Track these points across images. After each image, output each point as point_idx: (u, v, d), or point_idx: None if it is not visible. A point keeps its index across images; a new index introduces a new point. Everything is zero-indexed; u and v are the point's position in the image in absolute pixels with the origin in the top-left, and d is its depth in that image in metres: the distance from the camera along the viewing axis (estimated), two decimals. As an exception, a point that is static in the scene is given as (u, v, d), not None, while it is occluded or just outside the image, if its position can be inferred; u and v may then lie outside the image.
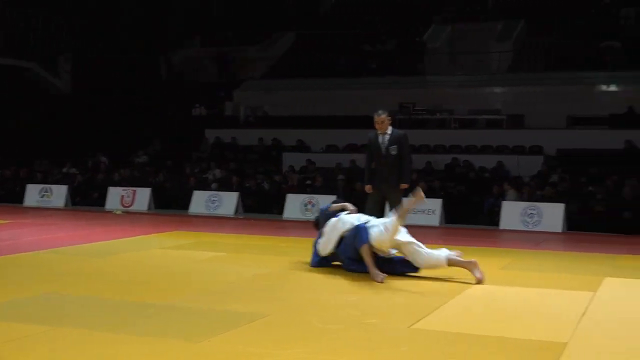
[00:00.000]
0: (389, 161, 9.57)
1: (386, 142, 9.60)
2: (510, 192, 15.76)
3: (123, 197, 18.31)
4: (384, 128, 9.60)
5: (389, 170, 9.59)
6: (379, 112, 9.72)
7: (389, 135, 9.63)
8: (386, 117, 9.63)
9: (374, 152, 9.70)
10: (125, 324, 5.63)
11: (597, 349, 5.09)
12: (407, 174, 9.75)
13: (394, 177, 9.58)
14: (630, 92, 21.58)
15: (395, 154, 9.57)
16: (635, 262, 9.67)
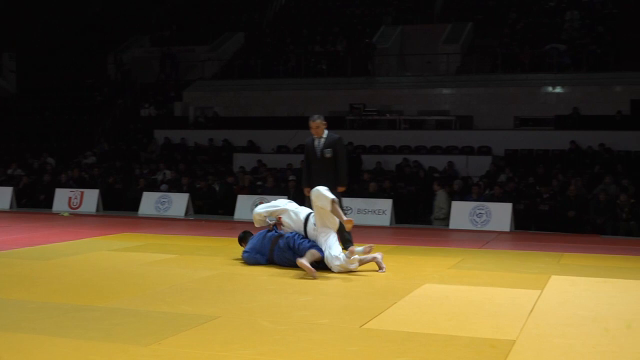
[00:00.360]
0: (324, 164, 9.86)
1: (321, 145, 9.89)
2: (440, 192, 15.92)
3: (70, 199, 18.00)
4: (319, 133, 9.90)
5: (325, 173, 9.84)
6: (314, 117, 9.98)
7: (324, 139, 9.90)
8: (321, 122, 9.92)
9: (310, 156, 10.03)
10: (71, 327, 5.53)
11: (545, 346, 5.17)
12: (343, 177, 10.01)
13: (329, 179, 9.77)
14: (575, 93, 22.05)
15: (329, 157, 9.84)
16: (581, 261, 9.86)
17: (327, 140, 9.90)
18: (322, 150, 9.85)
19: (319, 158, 9.88)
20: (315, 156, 9.92)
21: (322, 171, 9.82)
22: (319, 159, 9.88)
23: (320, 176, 9.77)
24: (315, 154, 9.92)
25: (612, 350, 5.06)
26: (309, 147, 10.07)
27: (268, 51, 27.71)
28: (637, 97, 20.92)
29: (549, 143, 20.24)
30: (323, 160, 9.84)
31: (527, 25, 25.98)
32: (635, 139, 19.36)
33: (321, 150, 9.86)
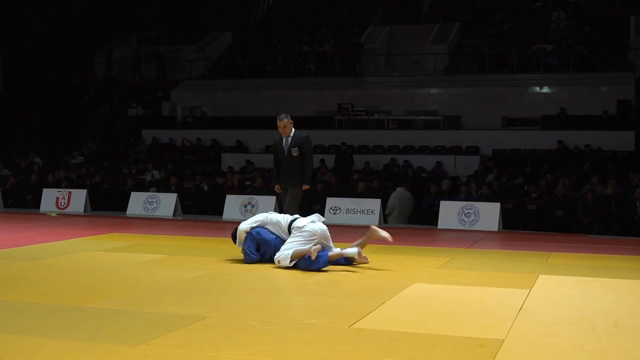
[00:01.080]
0: (291, 163, 10.20)
1: (288, 144, 10.20)
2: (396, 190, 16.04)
3: (58, 199, 17.90)
4: (287, 132, 10.22)
5: (292, 171, 10.22)
6: (281, 117, 10.27)
7: (292, 137, 10.22)
8: (288, 121, 10.20)
9: (279, 155, 10.36)
10: (59, 328, 5.50)
11: (533, 345, 5.19)
12: (308, 175, 10.33)
13: (295, 177, 10.21)
14: (561, 94, 22.17)
15: (296, 155, 10.16)
16: (568, 260, 9.91)
17: (294, 139, 10.21)
18: (290, 149, 10.16)
19: (287, 156, 10.20)
20: (283, 155, 10.24)
21: (290, 169, 10.21)
22: (286, 158, 10.21)
23: (288, 174, 10.22)
24: (283, 152, 10.23)
25: (599, 349, 5.09)
26: (277, 146, 10.38)
27: (256, 51, 27.70)
28: (623, 97, 21.06)
29: (537, 143, 20.35)
30: (290, 158, 10.17)
31: (514, 25, 26.10)
32: (622, 139, 19.48)
33: (288, 149, 10.17)
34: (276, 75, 25.94)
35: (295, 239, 8.46)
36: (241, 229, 8.87)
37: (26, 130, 25.36)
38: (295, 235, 8.49)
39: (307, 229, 8.45)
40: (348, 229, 14.41)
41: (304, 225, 8.48)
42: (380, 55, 25.84)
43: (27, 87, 28.39)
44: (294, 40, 27.76)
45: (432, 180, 17.32)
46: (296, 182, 10.24)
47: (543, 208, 15.19)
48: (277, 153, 10.41)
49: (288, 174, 10.25)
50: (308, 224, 8.50)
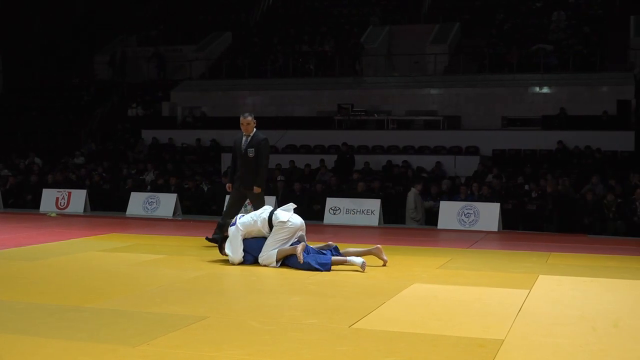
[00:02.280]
0: (246, 162, 10.14)
1: (246, 144, 10.16)
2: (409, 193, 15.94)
3: (58, 199, 17.91)
4: (249, 130, 10.20)
5: (247, 171, 10.16)
6: (245, 115, 10.29)
7: (251, 137, 10.20)
8: (252, 120, 10.22)
9: (237, 153, 10.32)
10: (59, 328, 5.51)
11: (533, 345, 5.19)
12: (261, 178, 10.23)
13: (250, 178, 10.15)
14: (561, 94, 22.15)
15: (252, 156, 10.11)
16: (568, 260, 9.91)
17: (253, 140, 10.18)
18: (247, 149, 10.12)
19: (243, 156, 10.14)
20: (241, 153, 10.19)
21: (245, 169, 10.15)
22: (242, 156, 10.16)
23: (243, 173, 10.17)
24: (241, 151, 10.19)
25: (599, 349, 5.09)
26: (236, 144, 10.34)
27: (256, 51, 27.69)
28: (623, 97, 21.04)
29: (537, 143, 20.33)
30: (246, 158, 10.11)
31: (514, 25, 26.09)
32: (622, 139, 19.47)
33: (246, 148, 10.13)
34: (276, 75, 25.93)
35: (279, 236, 8.47)
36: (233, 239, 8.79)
37: (26, 130, 25.35)
38: (278, 232, 8.47)
39: (290, 225, 8.47)
40: (348, 229, 14.43)
41: (287, 221, 8.45)
42: (380, 55, 25.83)
43: (27, 87, 28.39)
44: (294, 41, 27.76)
45: (432, 181, 17.31)
46: (250, 183, 10.15)
47: (543, 208, 15.18)
48: (234, 151, 10.37)
49: (243, 174, 10.17)
50: (290, 218, 8.49)
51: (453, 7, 28.14)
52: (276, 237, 8.48)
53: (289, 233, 8.49)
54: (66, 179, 19.37)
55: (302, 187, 17.33)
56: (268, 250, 8.49)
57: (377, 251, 8.78)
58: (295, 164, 19.77)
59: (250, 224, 8.58)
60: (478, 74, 23.94)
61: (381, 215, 15.61)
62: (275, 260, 8.41)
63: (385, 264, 8.71)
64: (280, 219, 8.46)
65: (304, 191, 17.18)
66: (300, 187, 17.17)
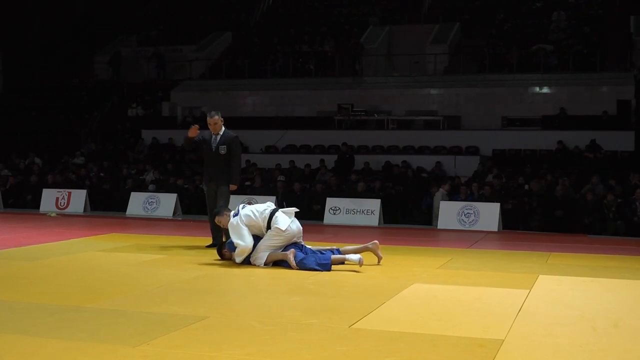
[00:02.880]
0: (218, 160, 10.24)
1: (217, 142, 10.25)
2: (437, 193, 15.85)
3: (58, 199, 17.91)
4: (217, 129, 10.29)
5: (218, 169, 10.26)
6: (212, 114, 10.38)
7: (220, 136, 10.28)
8: (219, 119, 10.31)
9: (206, 151, 10.37)
10: (59, 328, 5.50)
11: (533, 345, 5.19)
12: (236, 175, 10.37)
13: (222, 175, 10.24)
14: (561, 94, 22.15)
15: (224, 153, 10.21)
16: (568, 260, 9.92)
17: (223, 138, 10.26)
18: (218, 147, 10.19)
19: (214, 154, 10.22)
20: (210, 150, 10.26)
21: (217, 167, 10.24)
22: (213, 155, 10.23)
23: (215, 172, 10.24)
24: (211, 149, 10.26)
25: (599, 349, 5.09)
26: (205, 139, 10.36)
27: (256, 51, 27.69)
28: (623, 97, 21.04)
29: (537, 143, 20.34)
30: (218, 156, 10.20)
31: (514, 25, 26.09)
32: (622, 139, 19.47)
33: (216, 146, 10.21)
34: (276, 75, 25.94)
35: (273, 241, 8.51)
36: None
37: (26, 130, 25.34)
38: (273, 237, 8.51)
39: (287, 234, 8.50)
40: (348, 229, 14.43)
41: (285, 230, 8.48)
42: (380, 55, 25.84)
43: (27, 87, 28.38)
44: (294, 41, 27.76)
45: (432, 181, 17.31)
46: (224, 181, 10.23)
47: (543, 208, 15.18)
48: (204, 150, 10.39)
49: (215, 172, 10.25)
50: (289, 227, 8.51)
51: (453, 7, 28.15)
52: (270, 242, 8.53)
53: (284, 241, 8.55)
54: (66, 179, 19.37)
55: (302, 187, 17.34)
56: (259, 252, 8.52)
57: (374, 247, 8.86)
58: (295, 164, 19.78)
59: (252, 217, 8.56)
60: (478, 74, 23.94)
61: (381, 215, 15.61)
62: (264, 262, 8.47)
63: (379, 261, 8.78)
64: (279, 226, 8.46)
65: (304, 191, 17.18)
66: (300, 187, 17.17)
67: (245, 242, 8.46)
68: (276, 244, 8.53)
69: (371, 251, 8.86)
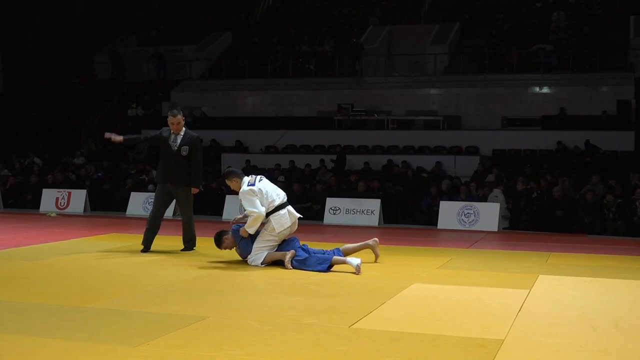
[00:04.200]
0: (178, 161, 9.84)
1: (178, 142, 9.85)
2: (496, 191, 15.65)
3: (58, 199, 17.90)
4: (179, 129, 9.89)
5: (178, 170, 9.87)
6: (174, 112, 9.99)
7: (181, 136, 9.89)
8: (182, 118, 9.95)
9: (165, 151, 9.95)
10: (59, 328, 5.50)
11: (533, 345, 5.19)
12: (198, 177, 10.09)
13: (182, 177, 9.89)
14: (561, 94, 22.16)
15: (185, 154, 9.86)
16: (568, 260, 9.91)
17: (185, 138, 9.89)
18: (180, 147, 9.84)
19: (175, 154, 9.84)
20: (171, 152, 9.86)
21: (176, 167, 9.84)
22: (174, 155, 9.84)
23: (175, 173, 9.85)
24: (171, 149, 9.87)
25: (599, 349, 5.09)
26: (162, 137, 9.97)
27: (256, 51, 27.69)
28: (622, 97, 21.05)
29: (536, 143, 20.34)
30: (179, 157, 9.83)
31: (514, 25, 26.09)
32: (622, 139, 19.47)
33: (178, 147, 9.84)
34: (276, 75, 25.94)
35: (265, 241, 8.61)
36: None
37: (26, 130, 25.34)
38: (265, 236, 8.61)
39: (280, 235, 8.59)
40: (348, 229, 14.43)
41: (280, 232, 8.56)
42: (380, 55, 25.84)
43: (27, 87, 28.38)
44: (293, 41, 27.76)
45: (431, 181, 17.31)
46: (183, 183, 9.92)
47: (543, 208, 15.18)
48: (162, 150, 9.98)
49: (173, 173, 9.87)
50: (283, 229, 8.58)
51: (453, 7, 28.14)
52: (265, 243, 8.62)
53: (278, 241, 8.64)
54: (66, 179, 19.36)
55: (302, 187, 17.33)
56: (256, 253, 8.60)
57: (374, 244, 8.99)
58: (296, 164, 19.77)
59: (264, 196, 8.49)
60: (478, 74, 23.94)
61: (381, 215, 15.61)
62: (261, 263, 8.55)
63: (377, 259, 8.92)
64: (274, 226, 8.53)
65: (304, 191, 17.17)
66: (300, 188, 17.16)
67: (259, 209, 8.42)
68: (270, 245, 8.62)
69: (370, 248, 8.95)
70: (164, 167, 9.99)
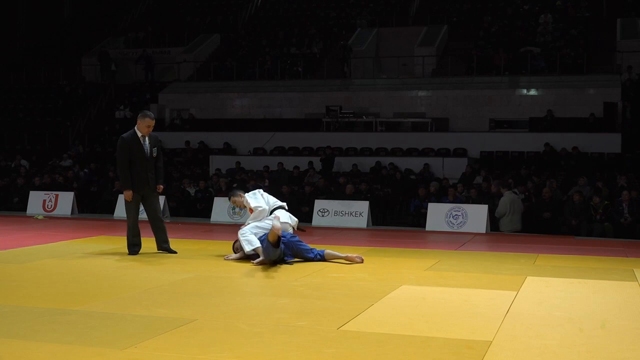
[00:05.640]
0: (150, 163, 9.83)
1: (147, 144, 9.79)
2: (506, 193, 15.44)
3: (45, 202, 17.80)
4: (149, 131, 9.83)
5: (151, 172, 9.87)
6: (152, 115, 9.94)
7: (149, 138, 9.84)
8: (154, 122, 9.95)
9: (137, 155, 9.75)
10: (46, 331, 5.47)
11: (521, 346, 5.21)
12: (162, 175, 10.18)
13: (154, 179, 9.92)
14: (549, 96, 22.26)
15: (155, 156, 9.89)
16: (555, 262, 9.94)
17: (152, 140, 9.86)
18: (151, 150, 9.80)
19: (148, 158, 9.77)
20: (144, 154, 9.74)
21: (148, 171, 9.79)
22: (147, 159, 9.77)
23: (146, 175, 9.77)
24: (144, 153, 9.73)
25: (587, 350, 5.11)
26: (134, 146, 9.72)
27: (244, 53, 27.67)
28: (609, 99, 21.16)
29: (524, 145, 20.42)
30: (150, 159, 9.81)
31: (502, 28, 26.19)
32: (608, 141, 19.57)
33: (149, 150, 9.78)
34: (264, 77, 25.94)
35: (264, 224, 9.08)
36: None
37: (13, 132, 25.21)
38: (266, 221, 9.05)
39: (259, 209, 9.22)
40: (336, 231, 14.43)
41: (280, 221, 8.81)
42: (368, 57, 25.88)
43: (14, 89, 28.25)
44: (282, 43, 27.76)
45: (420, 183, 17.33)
46: (154, 183, 9.94)
47: (531, 210, 15.23)
48: (132, 153, 9.70)
49: (147, 176, 9.79)
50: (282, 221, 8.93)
51: (441, 9, 28.23)
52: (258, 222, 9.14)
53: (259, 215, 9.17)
54: (53, 181, 19.27)
55: (291, 189, 17.32)
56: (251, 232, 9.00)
57: (356, 259, 9.12)
58: (284, 166, 19.77)
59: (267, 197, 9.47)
60: (466, 76, 24.02)
61: (369, 217, 15.61)
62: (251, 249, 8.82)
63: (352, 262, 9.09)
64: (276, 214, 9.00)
65: (292, 193, 17.16)
66: (288, 190, 17.15)
67: (263, 206, 9.16)
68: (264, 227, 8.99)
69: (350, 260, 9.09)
70: (137, 172, 9.78)
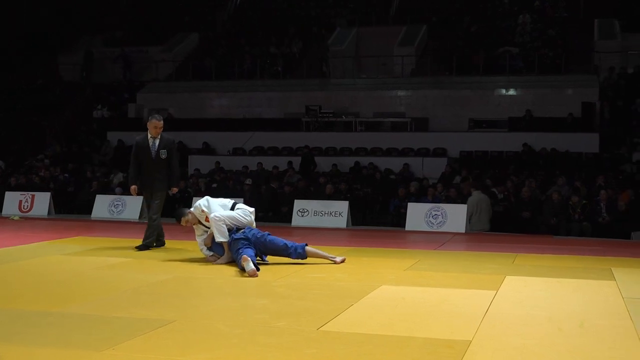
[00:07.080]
0: (158, 165, 10.21)
1: (156, 146, 10.22)
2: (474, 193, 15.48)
3: (21, 202, 17.62)
4: (158, 133, 10.25)
5: (157, 173, 10.23)
6: (158, 117, 10.35)
7: (159, 140, 10.26)
8: (162, 122, 10.32)
9: (144, 156, 10.26)
10: (23, 333, 5.41)
11: (500, 345, 5.22)
12: (177, 178, 10.56)
13: (162, 180, 10.25)
14: (527, 96, 22.39)
15: (165, 158, 10.21)
16: (534, 261, 9.99)
17: (163, 141, 10.24)
18: (159, 151, 10.16)
19: (154, 158, 10.17)
20: (150, 156, 10.19)
21: (155, 171, 10.18)
22: (154, 159, 10.17)
23: (154, 176, 10.18)
24: (150, 153, 10.19)
25: (566, 350, 5.13)
26: (141, 146, 10.28)
27: (223, 52, 27.57)
28: (587, 99, 21.32)
29: (503, 145, 20.52)
30: (159, 161, 10.17)
31: (481, 28, 26.31)
32: (586, 141, 19.72)
33: (157, 151, 10.17)
34: (243, 76, 25.86)
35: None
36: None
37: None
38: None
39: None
40: (316, 231, 14.41)
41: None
42: (347, 57, 25.89)
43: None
44: (261, 42, 27.70)
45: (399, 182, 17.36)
46: (163, 185, 10.27)
47: (510, 209, 15.30)
48: (140, 154, 10.30)
49: (154, 176, 10.19)
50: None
51: (420, 9, 28.29)
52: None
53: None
54: (29, 182, 19.07)
55: (270, 189, 17.28)
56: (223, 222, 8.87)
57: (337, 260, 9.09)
58: (264, 166, 19.72)
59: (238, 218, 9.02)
60: (445, 76, 24.09)
61: (349, 217, 15.60)
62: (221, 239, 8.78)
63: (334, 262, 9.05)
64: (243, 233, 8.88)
65: (272, 193, 17.12)
66: (267, 190, 17.12)
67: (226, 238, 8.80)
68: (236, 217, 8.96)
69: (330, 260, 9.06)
70: (143, 172, 10.26)
